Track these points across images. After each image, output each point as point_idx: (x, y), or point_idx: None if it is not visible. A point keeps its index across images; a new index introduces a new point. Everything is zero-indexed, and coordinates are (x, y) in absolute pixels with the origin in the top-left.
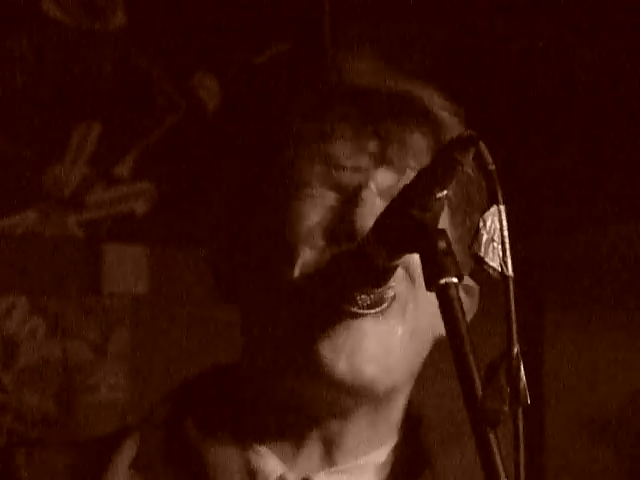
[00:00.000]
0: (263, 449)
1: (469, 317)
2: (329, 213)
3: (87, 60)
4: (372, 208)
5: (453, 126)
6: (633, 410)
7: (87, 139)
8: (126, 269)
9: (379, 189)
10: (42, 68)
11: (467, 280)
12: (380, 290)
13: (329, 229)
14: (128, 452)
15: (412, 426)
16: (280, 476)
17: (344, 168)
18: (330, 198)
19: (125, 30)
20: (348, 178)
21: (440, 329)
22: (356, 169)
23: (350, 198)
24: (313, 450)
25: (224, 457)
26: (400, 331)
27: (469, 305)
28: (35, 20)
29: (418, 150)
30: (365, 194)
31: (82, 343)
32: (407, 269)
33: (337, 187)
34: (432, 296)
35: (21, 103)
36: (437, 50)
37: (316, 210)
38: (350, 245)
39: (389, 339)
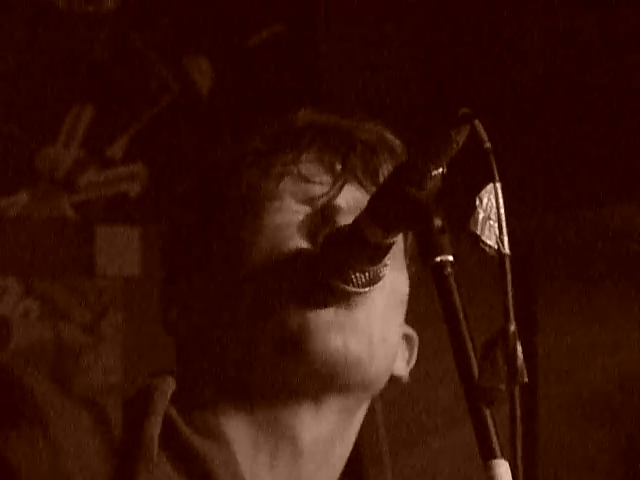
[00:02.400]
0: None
1: (409, 367)
2: (301, 224)
3: (80, 42)
4: (345, 219)
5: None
6: (626, 390)
7: (80, 121)
8: (119, 251)
9: (347, 205)
10: (35, 50)
11: (407, 329)
12: (376, 267)
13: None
14: (162, 400)
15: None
16: None
17: (313, 182)
18: (300, 211)
19: (118, 12)
20: (317, 191)
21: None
22: (325, 184)
23: (322, 209)
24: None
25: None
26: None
27: (408, 355)
28: (28, 2)
29: (380, 172)
30: (337, 204)
31: (75, 325)
32: None
33: (306, 201)
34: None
35: (14, 85)
36: (431, 27)
37: (287, 221)
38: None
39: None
